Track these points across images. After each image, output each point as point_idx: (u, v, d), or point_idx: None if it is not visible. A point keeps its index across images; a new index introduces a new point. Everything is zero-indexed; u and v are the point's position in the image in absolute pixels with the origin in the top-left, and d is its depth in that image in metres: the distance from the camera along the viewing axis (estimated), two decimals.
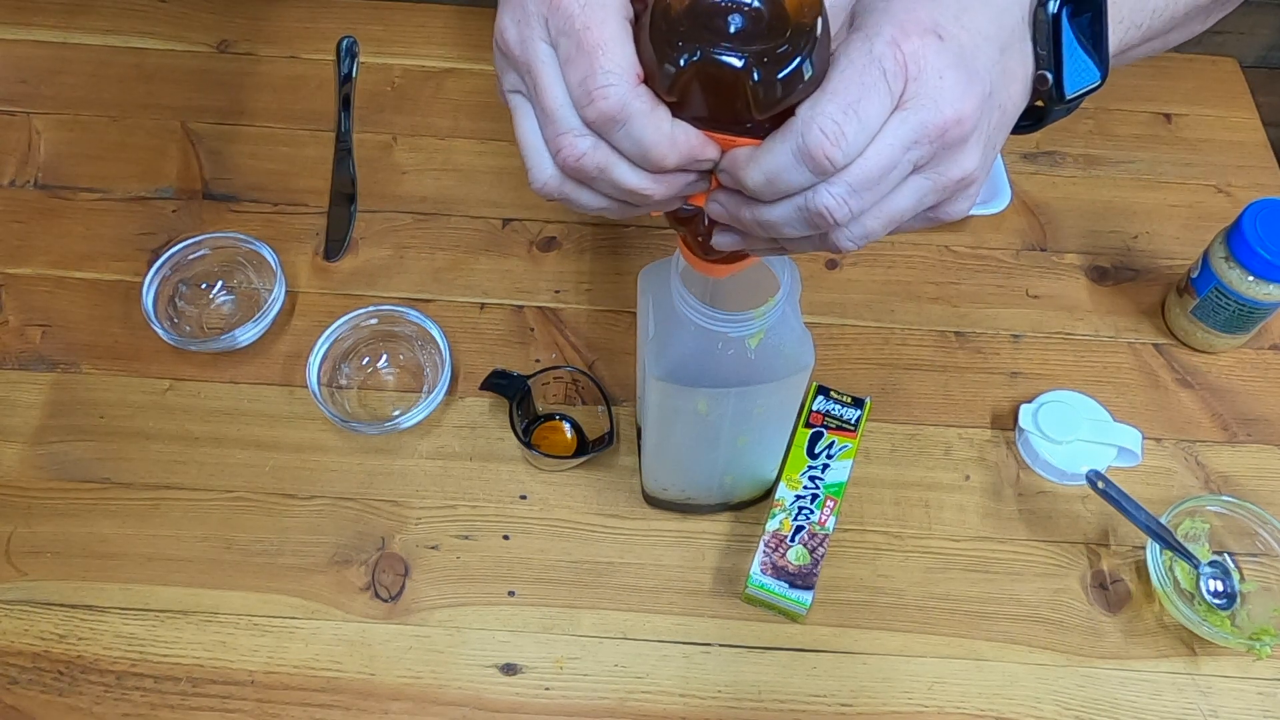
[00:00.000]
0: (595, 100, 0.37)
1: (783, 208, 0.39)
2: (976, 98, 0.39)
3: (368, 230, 0.81)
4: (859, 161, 0.37)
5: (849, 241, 0.40)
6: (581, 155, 0.39)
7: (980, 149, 0.41)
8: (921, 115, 0.38)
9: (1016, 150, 0.88)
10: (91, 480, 0.69)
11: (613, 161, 0.39)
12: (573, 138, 0.39)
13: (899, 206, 0.40)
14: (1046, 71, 0.44)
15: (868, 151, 0.37)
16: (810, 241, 0.41)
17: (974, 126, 0.39)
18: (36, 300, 0.77)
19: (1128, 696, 0.64)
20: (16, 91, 0.88)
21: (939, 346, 0.78)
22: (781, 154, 0.37)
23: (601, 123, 0.38)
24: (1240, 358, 0.78)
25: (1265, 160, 0.89)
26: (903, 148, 0.38)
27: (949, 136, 0.38)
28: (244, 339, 0.74)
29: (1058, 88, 0.44)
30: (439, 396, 0.71)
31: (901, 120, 0.38)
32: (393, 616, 0.65)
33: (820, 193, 0.38)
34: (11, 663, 0.63)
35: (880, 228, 0.40)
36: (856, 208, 0.38)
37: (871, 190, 0.38)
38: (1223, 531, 0.68)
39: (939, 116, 0.38)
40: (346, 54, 0.90)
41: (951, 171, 0.40)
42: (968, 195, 0.42)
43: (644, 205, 0.42)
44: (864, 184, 0.38)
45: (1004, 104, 0.42)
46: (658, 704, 0.63)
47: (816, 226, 0.39)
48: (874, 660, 0.65)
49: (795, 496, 0.66)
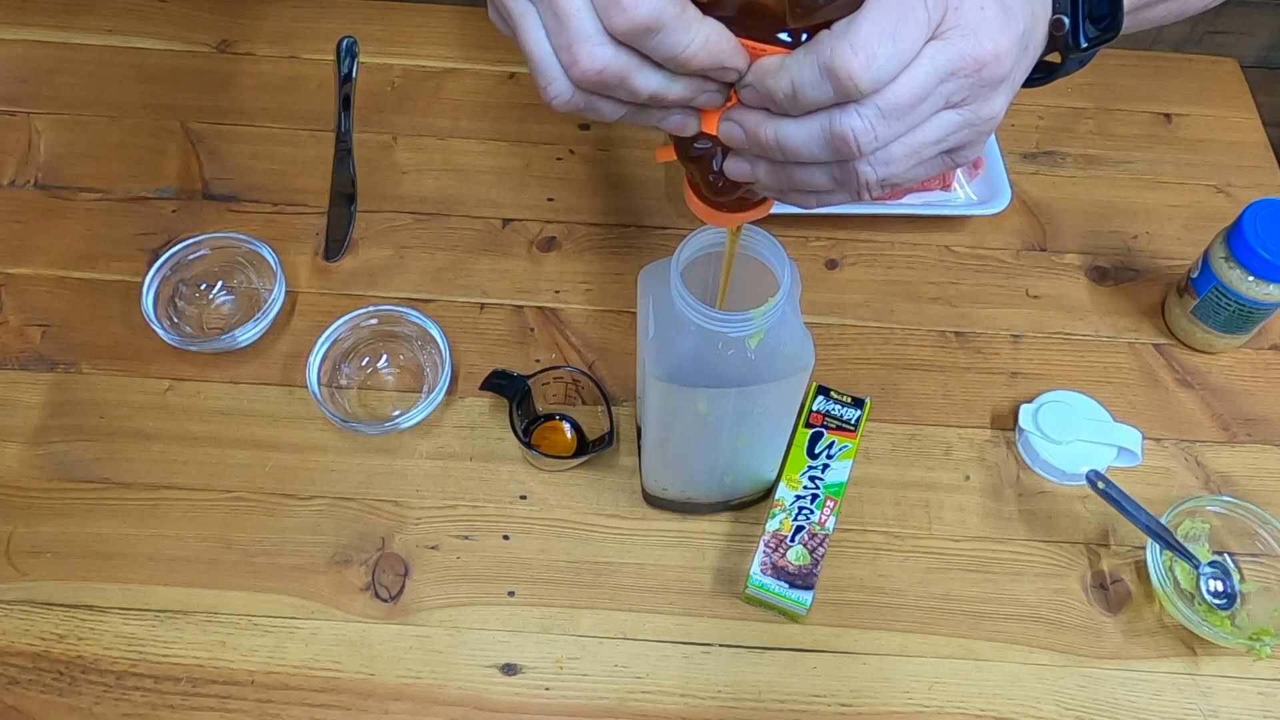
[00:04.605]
0: (627, 9, 0.35)
1: (805, 126, 0.37)
2: (1014, 35, 0.38)
3: (368, 230, 0.81)
4: (892, 86, 0.36)
5: (871, 171, 0.38)
6: (603, 67, 0.36)
7: (1008, 92, 0.39)
8: (961, 46, 0.36)
9: (1016, 150, 0.88)
10: (91, 480, 0.69)
11: (634, 67, 0.37)
12: (592, 46, 0.36)
13: (925, 139, 0.38)
14: (1064, 16, 0.43)
15: (901, 77, 0.36)
16: (828, 173, 0.39)
17: (1011, 66, 0.38)
18: (36, 300, 0.77)
19: (1128, 696, 0.64)
20: (16, 91, 0.88)
21: (939, 346, 0.78)
22: (808, 65, 0.35)
23: (634, 33, 0.35)
24: (1240, 358, 0.78)
25: (1265, 160, 0.89)
26: (938, 78, 0.36)
27: (986, 73, 0.37)
28: (244, 339, 0.74)
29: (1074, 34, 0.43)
30: (439, 396, 0.71)
31: (939, 49, 0.36)
32: (393, 616, 0.65)
33: (849, 113, 0.36)
34: (11, 663, 0.63)
35: (903, 158, 0.38)
36: (884, 135, 0.36)
37: (901, 119, 0.36)
38: (1223, 531, 0.68)
39: (979, 49, 0.36)
40: (346, 54, 0.90)
41: (983, 110, 0.39)
42: (986, 138, 0.41)
43: (663, 109, 0.40)
44: (895, 110, 0.36)
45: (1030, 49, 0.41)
46: (658, 704, 0.63)
47: (838, 153, 0.37)
48: (874, 660, 0.65)
49: (795, 496, 0.66)
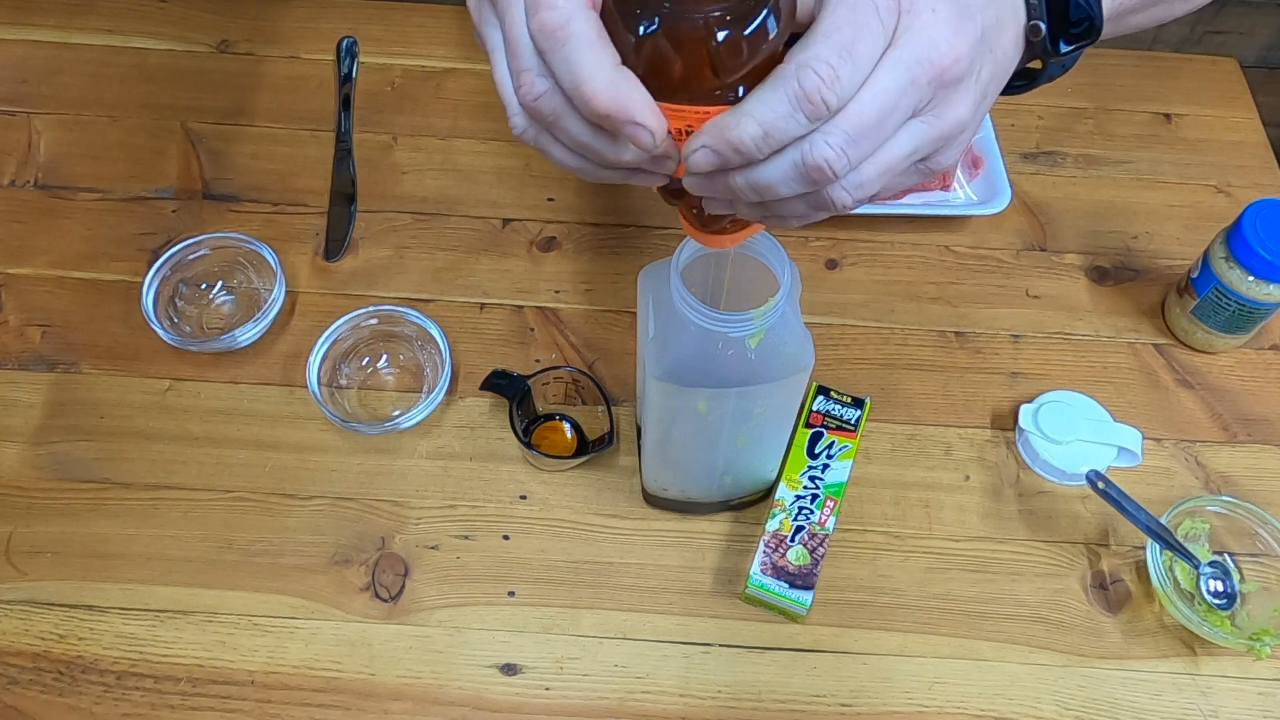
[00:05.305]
0: (541, 9, 0.35)
1: (777, 165, 0.37)
2: (971, 36, 0.37)
3: (368, 230, 0.81)
4: (855, 107, 0.35)
5: (845, 195, 0.38)
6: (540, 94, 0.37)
7: (974, 96, 0.39)
8: (917, 53, 0.36)
9: (1016, 150, 0.88)
10: (91, 480, 0.69)
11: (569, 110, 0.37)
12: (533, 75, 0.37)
13: (896, 154, 0.38)
14: (1040, 21, 0.42)
15: (863, 95, 0.35)
16: (805, 202, 0.39)
17: (969, 68, 0.38)
18: (36, 300, 0.77)
19: (1128, 697, 0.64)
20: (16, 91, 0.88)
21: (939, 346, 0.78)
22: (776, 102, 0.35)
23: (543, 37, 0.35)
24: (1240, 358, 0.78)
25: (1265, 160, 0.89)
26: (900, 91, 0.36)
27: (947, 77, 0.37)
28: (244, 339, 0.74)
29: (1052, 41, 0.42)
30: (439, 396, 0.71)
31: (897, 60, 0.36)
32: (393, 616, 0.65)
33: (817, 144, 0.36)
34: (11, 663, 0.63)
35: (876, 177, 0.38)
36: (855, 157, 0.36)
37: (869, 138, 0.36)
38: (1223, 531, 0.68)
39: (934, 54, 0.36)
40: (346, 54, 0.90)
41: (947, 115, 0.38)
42: (959, 143, 0.40)
43: (606, 165, 0.39)
44: (862, 131, 0.36)
45: (996, 52, 0.40)
46: (658, 704, 0.63)
47: (814, 182, 0.37)
48: (874, 660, 0.65)
49: (795, 496, 0.66)
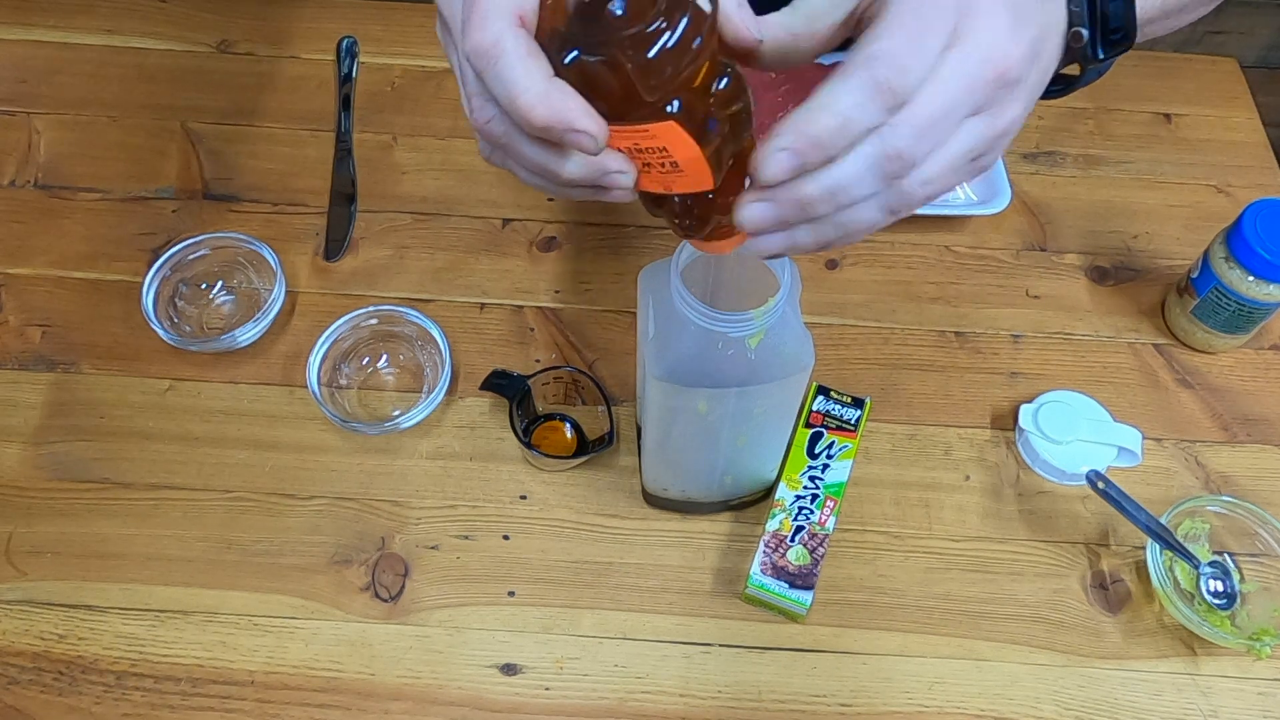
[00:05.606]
0: (471, 32, 0.35)
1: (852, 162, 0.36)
2: (1027, 39, 0.38)
3: (368, 230, 0.81)
4: (924, 99, 0.35)
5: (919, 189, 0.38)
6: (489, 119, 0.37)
7: (1025, 98, 0.39)
8: (980, 52, 0.36)
9: (1016, 150, 0.88)
10: (91, 480, 0.69)
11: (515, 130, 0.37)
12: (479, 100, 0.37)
13: (958, 150, 0.38)
14: (1082, 28, 0.42)
15: (931, 89, 0.35)
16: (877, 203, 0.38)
17: (1026, 70, 0.38)
18: (36, 300, 0.77)
19: (1128, 697, 0.64)
20: (16, 91, 0.88)
21: (939, 346, 0.78)
22: (851, 92, 0.35)
23: (476, 57, 0.35)
24: (1240, 358, 0.78)
25: (1265, 160, 0.89)
26: (963, 88, 0.36)
27: (1007, 78, 0.37)
28: (244, 339, 0.74)
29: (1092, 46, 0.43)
30: (439, 396, 0.71)
31: (962, 57, 0.36)
32: (393, 616, 0.65)
33: (894, 131, 0.35)
34: (11, 663, 0.63)
35: (941, 174, 0.38)
36: (923, 150, 0.36)
37: (936, 131, 0.36)
38: (1223, 531, 0.68)
39: (996, 54, 0.36)
40: (346, 54, 0.90)
41: (1003, 114, 0.38)
42: (1006, 143, 0.41)
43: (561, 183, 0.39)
44: (930, 122, 0.36)
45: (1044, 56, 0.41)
46: (658, 704, 0.63)
47: (891, 176, 0.37)
48: (874, 660, 0.65)
49: (795, 496, 0.66)
